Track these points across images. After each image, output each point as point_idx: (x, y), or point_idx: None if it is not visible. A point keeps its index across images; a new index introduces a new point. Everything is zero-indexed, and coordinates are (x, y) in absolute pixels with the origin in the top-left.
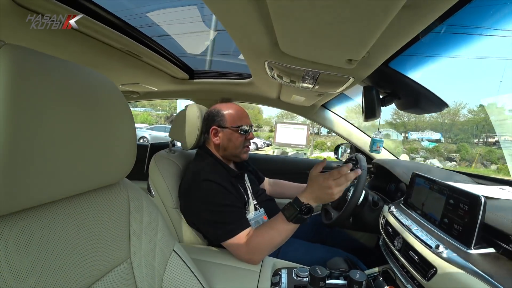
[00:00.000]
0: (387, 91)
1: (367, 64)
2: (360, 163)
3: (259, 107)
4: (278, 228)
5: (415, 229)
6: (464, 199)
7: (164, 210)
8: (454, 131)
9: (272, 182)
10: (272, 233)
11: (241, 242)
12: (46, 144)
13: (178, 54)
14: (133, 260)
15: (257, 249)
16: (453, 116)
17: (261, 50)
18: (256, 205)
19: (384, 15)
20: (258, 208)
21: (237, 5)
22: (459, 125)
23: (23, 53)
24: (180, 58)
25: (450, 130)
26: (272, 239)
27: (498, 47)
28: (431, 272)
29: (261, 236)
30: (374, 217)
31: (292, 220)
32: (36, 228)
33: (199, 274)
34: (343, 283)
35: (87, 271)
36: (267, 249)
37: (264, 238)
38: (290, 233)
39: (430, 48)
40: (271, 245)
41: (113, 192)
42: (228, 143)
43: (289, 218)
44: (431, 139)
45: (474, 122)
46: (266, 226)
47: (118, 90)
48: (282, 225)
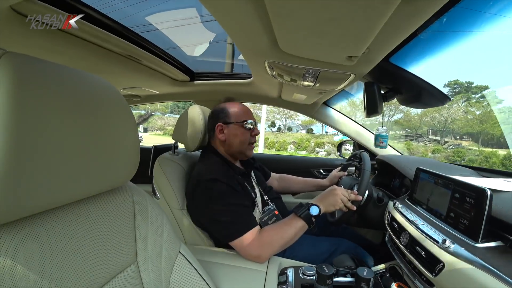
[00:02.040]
0: (389, 87)
1: (367, 60)
2: (364, 163)
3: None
4: (289, 223)
5: (421, 224)
6: (469, 192)
7: (169, 212)
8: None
9: (278, 177)
10: (284, 228)
11: (249, 240)
12: (49, 151)
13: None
14: (140, 263)
15: (270, 244)
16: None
17: (261, 50)
18: (267, 200)
19: (383, 11)
20: (269, 203)
21: (235, 6)
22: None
23: (24, 61)
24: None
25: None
26: (284, 234)
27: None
28: (439, 267)
29: (274, 230)
30: (380, 213)
31: (301, 215)
32: (41, 234)
33: (205, 275)
34: (350, 281)
35: (94, 275)
36: (278, 245)
37: (277, 232)
38: (300, 231)
39: (430, 42)
40: (283, 241)
41: (118, 196)
42: (234, 139)
43: (297, 212)
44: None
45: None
46: (278, 223)
47: (120, 94)
48: (293, 221)
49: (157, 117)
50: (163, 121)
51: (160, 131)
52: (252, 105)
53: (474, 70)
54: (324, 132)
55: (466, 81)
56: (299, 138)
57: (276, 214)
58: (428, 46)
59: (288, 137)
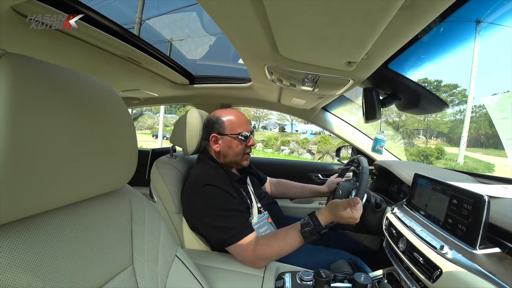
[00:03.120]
0: (387, 92)
1: (366, 66)
2: (362, 167)
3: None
4: (288, 240)
5: (419, 230)
6: (467, 199)
7: (166, 215)
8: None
9: (275, 182)
10: (282, 245)
11: (245, 247)
12: (47, 152)
13: (178, 60)
14: (136, 267)
15: (264, 258)
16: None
17: (261, 54)
18: (260, 208)
19: (382, 17)
20: (262, 211)
21: (235, 10)
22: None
23: (23, 62)
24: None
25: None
26: (281, 249)
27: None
28: (436, 273)
29: (270, 247)
30: (377, 219)
31: (304, 234)
32: (38, 235)
33: (202, 280)
34: (347, 286)
35: (89, 278)
36: (273, 258)
37: (273, 248)
38: (298, 245)
39: (429, 48)
40: (278, 255)
41: (115, 199)
42: (228, 151)
43: (301, 230)
44: (311, 131)
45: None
46: (276, 237)
47: (119, 96)
48: (294, 236)
49: (147, 116)
50: (152, 120)
51: (149, 130)
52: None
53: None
54: (294, 131)
55: (435, 79)
56: (268, 137)
57: (269, 222)
58: (427, 52)
59: (260, 136)
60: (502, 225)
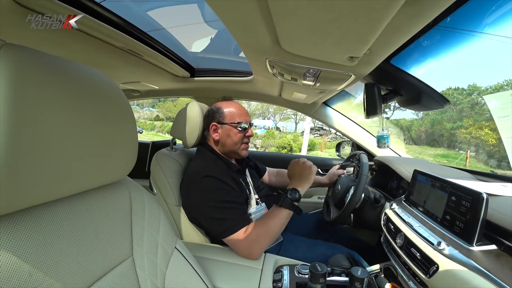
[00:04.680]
0: (389, 88)
1: (368, 61)
2: (362, 167)
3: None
4: (273, 216)
5: (417, 226)
6: (466, 196)
7: (166, 207)
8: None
9: (276, 172)
10: (269, 222)
11: (241, 238)
12: (48, 143)
13: (179, 52)
14: (136, 258)
15: (256, 241)
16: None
17: (262, 48)
18: (258, 200)
19: (385, 12)
20: (259, 203)
21: (238, 4)
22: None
23: (23, 53)
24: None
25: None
26: (270, 228)
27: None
28: (433, 269)
29: (259, 227)
30: (376, 214)
31: (282, 204)
32: (39, 226)
33: (201, 272)
34: (344, 280)
35: (89, 269)
36: (265, 240)
37: (262, 229)
38: (286, 220)
39: (432, 44)
40: (269, 235)
41: (115, 190)
42: (227, 139)
43: (278, 203)
44: (265, 126)
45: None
46: (262, 217)
47: (119, 88)
48: (276, 211)
49: (133, 110)
50: (138, 114)
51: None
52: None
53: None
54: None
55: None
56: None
57: (266, 213)
58: (430, 48)
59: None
60: (499, 222)
